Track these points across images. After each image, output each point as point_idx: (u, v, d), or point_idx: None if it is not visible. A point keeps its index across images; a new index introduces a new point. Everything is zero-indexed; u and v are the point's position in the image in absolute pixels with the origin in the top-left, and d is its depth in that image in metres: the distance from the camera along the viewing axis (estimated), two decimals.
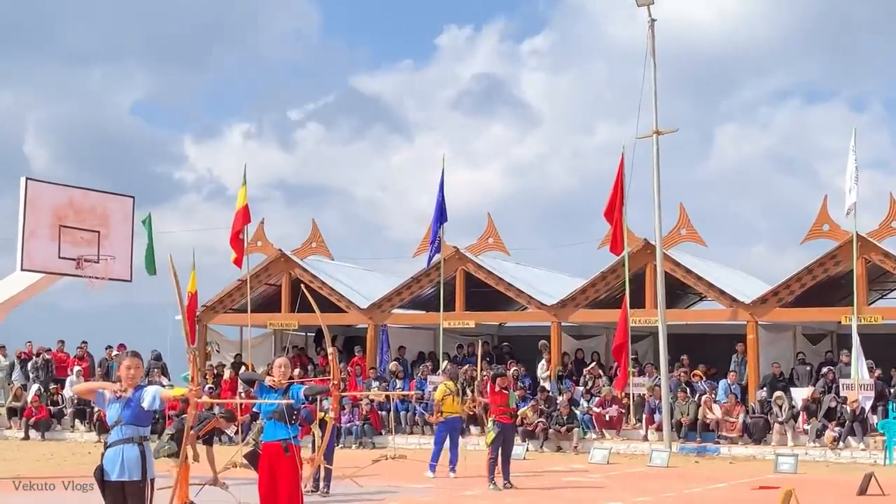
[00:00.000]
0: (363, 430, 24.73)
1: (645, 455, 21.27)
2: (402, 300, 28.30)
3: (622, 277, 24.62)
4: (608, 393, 24.52)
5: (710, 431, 23.18)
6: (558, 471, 19.38)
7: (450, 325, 27.34)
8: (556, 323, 26.72)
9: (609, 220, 24.16)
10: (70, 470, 19.63)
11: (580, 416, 24.14)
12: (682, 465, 20.55)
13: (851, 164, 22.68)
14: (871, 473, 15.91)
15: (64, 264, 17.33)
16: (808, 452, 21.44)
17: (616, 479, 17.89)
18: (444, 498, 15.09)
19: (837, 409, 22.40)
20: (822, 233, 24.26)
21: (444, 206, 25.68)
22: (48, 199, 17.23)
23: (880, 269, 24.64)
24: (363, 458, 19.10)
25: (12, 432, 27.21)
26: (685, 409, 23.41)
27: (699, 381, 24.67)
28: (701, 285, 25.77)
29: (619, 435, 23.95)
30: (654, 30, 22.50)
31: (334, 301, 28.41)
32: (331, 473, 15.45)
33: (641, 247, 24.97)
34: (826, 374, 23.89)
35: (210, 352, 30.29)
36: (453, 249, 27.20)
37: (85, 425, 27.30)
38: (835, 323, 26.00)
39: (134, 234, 19.05)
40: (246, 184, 26.84)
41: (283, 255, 28.89)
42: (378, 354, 27.71)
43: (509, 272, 27.77)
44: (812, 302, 25.11)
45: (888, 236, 23.77)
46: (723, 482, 17.44)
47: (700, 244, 25.66)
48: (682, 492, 15.98)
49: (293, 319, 29.04)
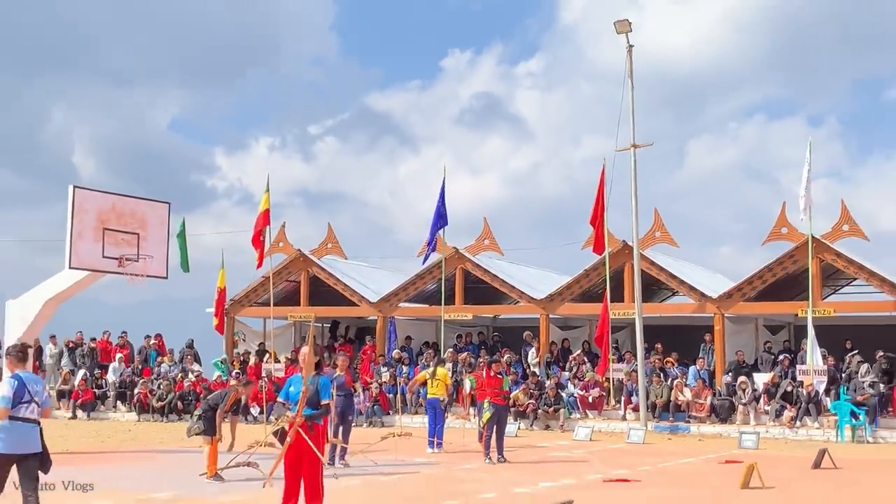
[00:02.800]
0: (373, 411, 24.73)
1: (623, 433, 21.29)
2: (407, 295, 28.31)
3: (603, 275, 24.63)
4: (591, 377, 24.56)
5: (682, 412, 23.20)
6: (546, 447, 19.39)
7: (450, 317, 27.34)
8: (545, 315, 26.73)
9: (592, 224, 24.19)
10: (112, 445, 19.76)
11: (566, 398, 24.16)
12: (657, 442, 20.56)
13: (805, 174, 22.70)
14: (825, 449, 15.92)
15: (107, 263, 17.35)
16: (768, 431, 21.48)
17: (598, 455, 17.90)
18: (444, 470, 15.11)
19: (794, 392, 22.41)
20: (781, 235, 24.29)
21: (445, 211, 25.66)
22: (93, 204, 17.26)
23: (833, 267, 24.65)
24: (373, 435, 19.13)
25: (61, 412, 27.20)
26: (659, 392, 23.43)
27: (671, 367, 24.70)
28: (673, 282, 25.78)
29: (600, 415, 23.98)
30: (631, 54, 22.50)
31: (347, 296, 28.47)
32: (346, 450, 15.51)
33: (620, 247, 24.97)
34: (782, 360, 23.95)
35: (237, 341, 30.34)
36: (453, 250, 27.23)
37: (125, 406, 27.38)
38: (792, 315, 26.02)
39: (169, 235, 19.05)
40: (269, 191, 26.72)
41: (302, 254, 28.90)
42: (386, 343, 27.74)
43: (503, 270, 27.78)
44: (772, 297, 25.14)
45: (840, 238, 23.79)
46: (692, 457, 17.45)
47: (673, 245, 25.68)
48: (656, 465, 15.98)
49: (311, 312, 29.08)
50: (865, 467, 15.75)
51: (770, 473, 13.59)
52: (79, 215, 16.88)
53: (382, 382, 25.49)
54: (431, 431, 18.31)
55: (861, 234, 23.82)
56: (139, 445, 19.29)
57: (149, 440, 20.50)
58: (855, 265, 23.98)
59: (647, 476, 14.40)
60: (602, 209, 23.76)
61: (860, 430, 20.85)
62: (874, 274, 23.88)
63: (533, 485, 13.32)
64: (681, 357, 25.27)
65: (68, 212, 16.84)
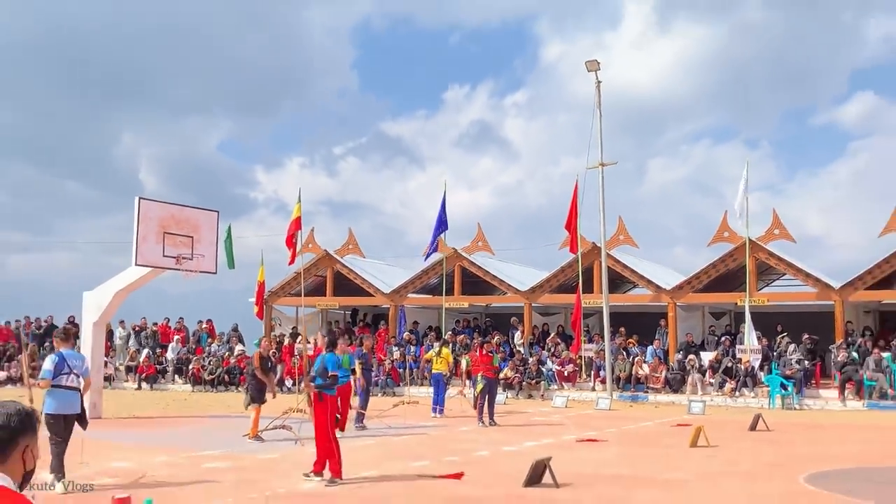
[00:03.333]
0: (386, 382, 24.72)
1: (593, 401, 21.28)
2: (415, 287, 28.29)
3: (576, 270, 24.62)
4: (566, 355, 24.55)
5: (641, 384, 23.20)
6: (529, 413, 19.39)
7: (450, 305, 27.32)
8: (528, 304, 26.72)
9: (567, 229, 24.17)
10: (171, 411, 19.75)
11: (545, 373, 24.15)
12: (620, 409, 20.56)
13: (742, 188, 22.73)
14: (759, 415, 15.94)
15: (166, 261, 17.34)
16: (713, 399, 21.47)
17: (572, 419, 17.90)
18: (445, 432, 15.11)
19: (734, 367, 22.41)
20: (723, 238, 24.30)
21: (446, 218, 25.64)
22: (155, 213, 17.25)
23: (766, 264, 24.65)
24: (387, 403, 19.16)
25: (128, 384, 27.24)
26: (622, 368, 23.43)
27: (633, 347, 24.69)
28: (634, 276, 25.77)
29: (574, 386, 23.96)
30: (599, 89, 22.45)
31: (365, 288, 28.45)
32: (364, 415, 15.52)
33: (591, 248, 24.96)
34: (724, 341, 23.93)
35: (274, 325, 30.31)
36: (452, 250, 27.22)
37: (181, 379, 27.37)
38: (732, 304, 26.00)
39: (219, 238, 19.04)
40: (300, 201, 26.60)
41: (327, 254, 28.89)
42: (397, 327, 27.71)
43: (493, 267, 27.75)
44: (716, 288, 25.14)
45: (772, 240, 23.82)
46: (650, 421, 17.44)
47: (634, 246, 25.69)
48: (620, 428, 15.99)
49: (335, 301, 29.08)
50: (792, 429, 15.75)
51: (714, 434, 13.61)
52: (143, 222, 16.87)
53: (394, 359, 25.47)
54: (435, 400, 18.32)
55: (789, 237, 23.84)
56: (193, 412, 19.29)
57: (201, 408, 20.49)
58: (784, 263, 23.99)
59: (612, 436, 14.40)
60: (575, 216, 23.76)
61: (788, 398, 20.85)
62: (800, 270, 23.89)
63: (518, 444, 13.31)
64: (640, 338, 25.27)
65: (135, 219, 16.83)
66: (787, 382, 20.97)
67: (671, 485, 9.43)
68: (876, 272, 22.79)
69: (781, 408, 20.54)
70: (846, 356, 21.33)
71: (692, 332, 25.29)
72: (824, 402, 21.05)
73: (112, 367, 27.37)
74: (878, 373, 20.75)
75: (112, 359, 28.00)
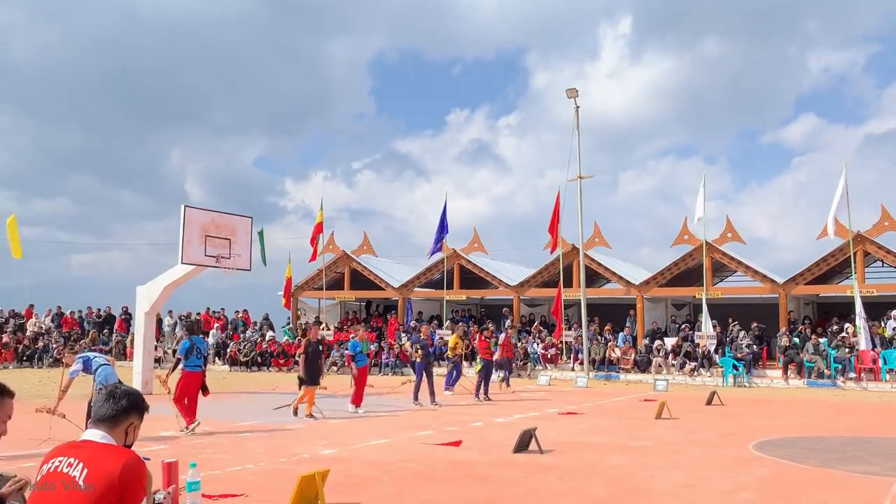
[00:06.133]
0: (395, 364, 24.70)
1: (572, 380, 21.29)
2: (420, 282, 28.27)
3: (558, 268, 24.63)
4: (549, 340, 24.52)
5: (613, 365, 23.18)
6: (518, 390, 19.38)
7: (450, 298, 27.31)
8: (517, 296, 26.69)
9: (550, 232, 24.18)
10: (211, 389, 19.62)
11: (532, 355, 24.14)
12: (596, 387, 20.56)
13: (700, 198, 22.72)
14: (714, 391, 15.95)
15: (208, 259, 17.34)
16: (675, 378, 21.47)
17: (554, 395, 17.90)
18: (449, 407, 15.10)
19: (693, 351, 22.40)
20: (684, 240, 24.27)
21: (447, 223, 25.66)
22: (199, 218, 17.24)
23: (720, 263, 24.63)
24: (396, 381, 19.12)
25: None
26: (597, 351, 23.41)
27: (607, 333, 24.68)
28: (607, 273, 25.74)
29: (556, 367, 23.95)
30: (578, 113, 22.43)
31: (377, 283, 28.41)
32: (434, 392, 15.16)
33: (570, 249, 24.95)
34: (684, 329, 23.92)
35: (300, 314, 30.30)
36: (452, 250, 27.20)
37: (221, 361, 27.33)
38: (692, 297, 26.00)
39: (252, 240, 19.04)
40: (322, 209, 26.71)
41: (345, 253, 28.85)
42: (405, 316, 27.72)
43: (487, 265, 27.73)
44: (677, 283, 25.13)
45: (725, 242, 23.79)
46: (621, 396, 17.44)
47: (607, 247, 25.64)
48: (596, 402, 15.98)
49: (352, 294, 29.05)
50: (743, 404, 15.74)
51: (676, 407, 13.64)
52: (188, 226, 16.86)
53: (402, 344, 25.43)
54: (447, 380, 18.13)
55: (740, 239, 23.82)
56: (230, 389, 19.28)
57: (237, 385, 20.49)
58: (736, 261, 23.97)
59: (589, 410, 14.40)
60: (557, 221, 23.80)
61: (739, 377, 20.85)
62: (749, 268, 23.87)
63: (508, 416, 13.31)
64: (613, 326, 25.26)
65: (181, 223, 16.83)
66: (739, 364, 20.97)
67: (639, 451, 9.44)
68: (815, 269, 22.80)
69: (733, 385, 20.55)
70: (789, 341, 21.34)
71: (657, 320, 25.27)
72: (770, 381, 21.05)
73: (161, 350, 27.35)
74: (815, 356, 20.75)
75: (161, 343, 27.97)
